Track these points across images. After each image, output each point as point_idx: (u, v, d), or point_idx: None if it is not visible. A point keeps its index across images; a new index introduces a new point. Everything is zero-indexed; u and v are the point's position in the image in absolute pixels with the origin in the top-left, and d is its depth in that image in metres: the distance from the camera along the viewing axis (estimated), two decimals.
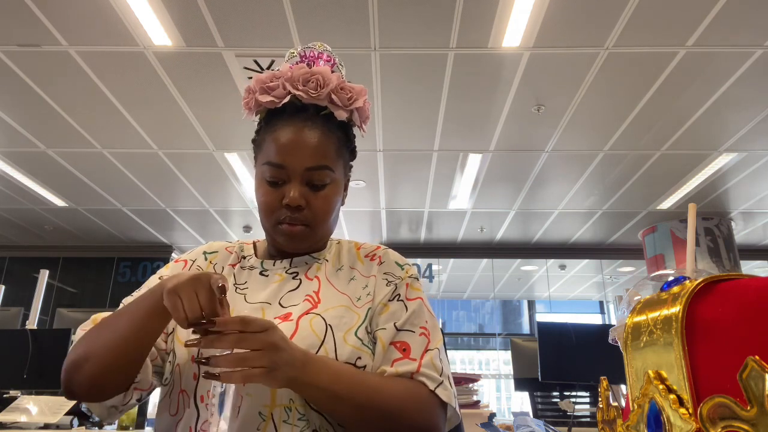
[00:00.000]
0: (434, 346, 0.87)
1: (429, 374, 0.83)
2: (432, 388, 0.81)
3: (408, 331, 0.86)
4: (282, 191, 0.88)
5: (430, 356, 0.85)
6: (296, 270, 0.93)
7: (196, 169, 5.08)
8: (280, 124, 0.89)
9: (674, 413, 0.42)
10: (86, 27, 3.16)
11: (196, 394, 0.80)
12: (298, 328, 0.81)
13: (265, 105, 0.91)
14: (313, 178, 0.88)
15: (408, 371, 0.82)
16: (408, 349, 0.84)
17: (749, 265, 7.33)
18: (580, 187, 5.42)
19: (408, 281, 0.92)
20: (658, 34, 3.20)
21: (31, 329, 2.92)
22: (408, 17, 3.10)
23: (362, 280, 0.92)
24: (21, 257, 7.33)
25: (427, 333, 0.87)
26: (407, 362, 0.83)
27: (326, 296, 0.88)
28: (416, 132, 4.40)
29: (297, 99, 0.89)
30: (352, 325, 0.85)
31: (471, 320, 10.62)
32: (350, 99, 0.91)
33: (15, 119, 4.20)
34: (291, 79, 0.89)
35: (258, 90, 0.91)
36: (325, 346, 0.80)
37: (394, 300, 0.89)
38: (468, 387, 2.16)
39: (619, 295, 8.02)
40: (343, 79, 0.93)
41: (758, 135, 4.32)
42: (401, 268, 0.94)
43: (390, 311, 0.88)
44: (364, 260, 0.96)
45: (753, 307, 0.41)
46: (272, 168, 0.87)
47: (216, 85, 3.75)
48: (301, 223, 0.88)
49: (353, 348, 0.82)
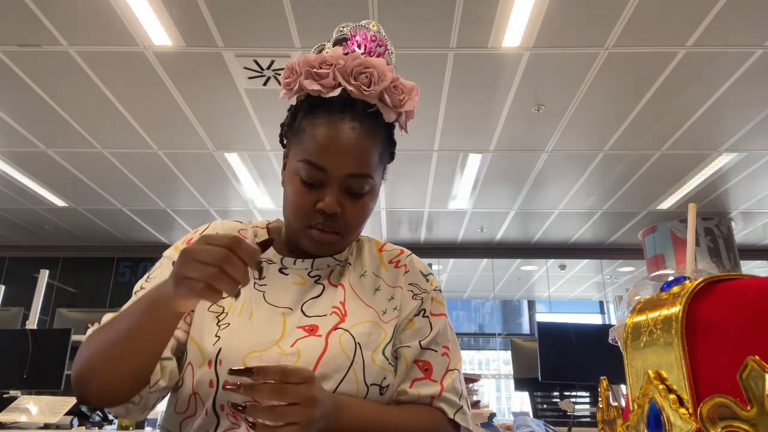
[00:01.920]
0: (454, 366, 0.86)
1: (450, 399, 0.83)
2: (451, 416, 0.82)
3: (431, 350, 0.85)
4: (317, 194, 0.81)
5: (452, 378, 0.84)
6: (318, 273, 0.88)
7: (196, 169, 5.07)
8: (325, 119, 0.81)
9: (674, 413, 0.42)
10: (86, 27, 3.17)
11: (216, 403, 0.76)
12: (328, 346, 0.78)
13: (311, 93, 0.83)
14: (352, 185, 0.81)
15: (429, 395, 0.82)
16: (430, 370, 0.84)
17: (749, 265, 7.33)
18: (580, 187, 5.42)
19: (433, 295, 0.91)
20: (658, 34, 3.20)
21: (31, 329, 2.93)
22: (408, 17, 3.10)
23: (388, 290, 0.89)
24: (21, 257, 7.33)
25: (449, 353, 0.87)
26: (428, 384, 0.83)
27: (353, 309, 0.84)
28: (416, 132, 4.40)
29: (345, 92, 0.81)
30: (379, 342, 0.82)
31: (471, 320, 10.62)
32: (402, 100, 0.84)
33: (15, 119, 4.19)
34: (344, 69, 0.81)
35: (303, 73, 0.82)
36: (354, 366, 0.78)
37: (420, 315, 0.87)
38: (468, 387, 2.16)
39: (619, 295, 8.02)
40: (396, 75, 0.85)
41: (758, 135, 4.32)
42: (426, 279, 0.92)
43: (415, 328, 0.86)
44: (389, 267, 0.92)
45: (753, 307, 0.41)
46: (310, 168, 0.80)
47: (216, 85, 3.75)
48: (334, 230, 0.82)
49: (380, 369, 0.80)
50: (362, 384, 0.78)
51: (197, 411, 0.78)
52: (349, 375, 0.77)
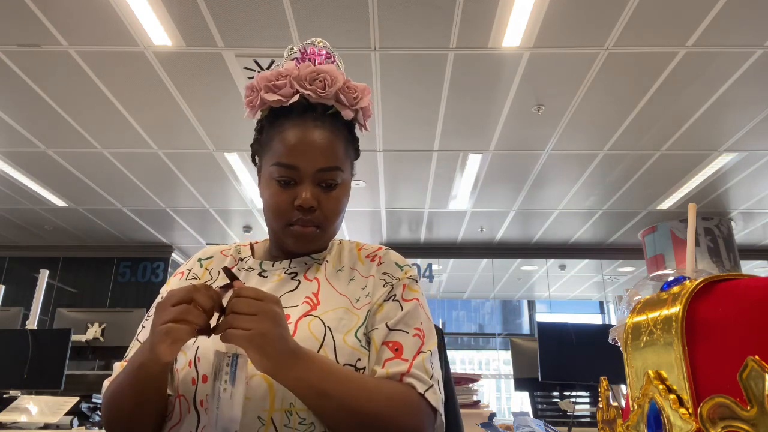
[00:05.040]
0: (427, 349, 0.85)
1: (419, 376, 0.81)
2: (421, 392, 0.80)
3: (401, 331, 0.85)
4: (293, 192, 0.87)
5: (422, 358, 0.83)
6: (295, 270, 0.91)
7: (196, 169, 5.08)
8: (289, 124, 0.88)
9: (674, 413, 0.42)
10: (86, 27, 3.17)
11: (196, 398, 0.79)
12: (297, 330, 0.80)
13: (271, 104, 0.89)
14: (324, 178, 0.87)
15: (398, 372, 0.81)
16: (400, 349, 0.83)
17: (749, 265, 7.34)
18: (580, 187, 5.42)
19: (406, 282, 0.91)
20: (658, 34, 3.20)
21: (31, 329, 2.92)
22: (408, 17, 3.10)
23: (362, 280, 0.91)
24: (21, 257, 7.33)
25: (422, 335, 0.86)
26: (398, 362, 0.82)
27: (325, 298, 0.86)
28: (416, 132, 4.40)
29: (304, 98, 0.88)
30: (351, 326, 0.83)
31: (471, 320, 10.62)
32: (356, 98, 0.91)
33: (15, 119, 4.20)
34: (298, 77, 0.88)
35: (263, 88, 0.89)
36: (324, 347, 0.79)
37: (390, 300, 0.88)
38: (468, 387, 2.16)
39: (619, 295, 8.02)
40: (347, 78, 0.92)
41: (758, 135, 4.32)
42: (400, 268, 0.93)
43: (384, 311, 0.87)
44: (365, 260, 0.95)
45: (753, 307, 0.41)
46: (283, 168, 0.86)
47: (216, 85, 3.75)
48: (313, 224, 0.88)
49: (353, 349, 0.81)
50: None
51: (182, 415, 0.80)
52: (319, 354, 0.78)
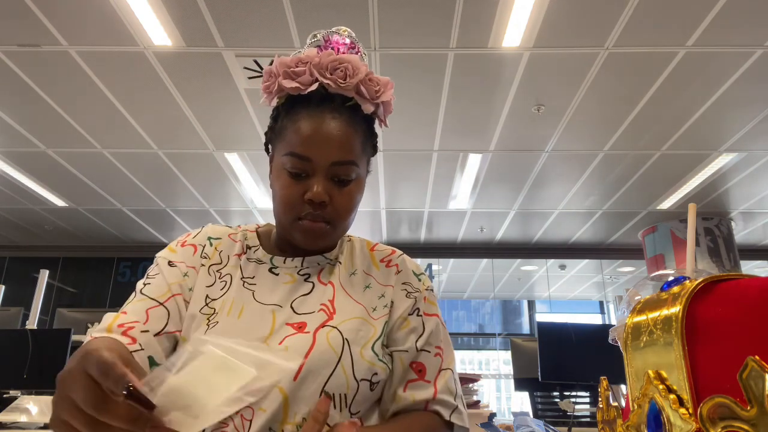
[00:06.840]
0: (447, 366, 0.87)
1: (444, 401, 0.83)
2: (447, 418, 0.83)
3: (425, 351, 0.86)
4: (304, 185, 0.83)
5: (445, 379, 0.85)
6: (308, 271, 0.89)
7: (196, 169, 5.07)
8: (305, 113, 0.83)
9: (674, 413, 0.42)
10: (86, 27, 3.17)
11: None
12: (316, 343, 0.79)
13: (289, 91, 0.85)
14: (338, 173, 0.83)
15: (423, 400, 0.83)
16: (423, 371, 0.84)
17: (749, 265, 7.34)
18: (579, 187, 5.42)
19: (426, 294, 0.91)
20: (658, 34, 3.20)
21: (31, 329, 2.93)
22: (408, 17, 3.10)
23: (378, 288, 0.89)
24: (21, 257, 7.33)
25: (441, 352, 0.87)
26: (422, 385, 0.83)
27: (341, 306, 0.85)
28: (416, 132, 4.40)
29: (323, 87, 0.84)
30: (368, 338, 0.83)
31: (471, 320, 10.62)
32: (378, 91, 0.87)
33: (15, 119, 4.19)
34: (319, 65, 0.84)
35: (281, 74, 0.85)
36: (342, 362, 0.78)
37: (414, 314, 0.88)
38: (468, 387, 2.15)
39: (619, 295, 8.02)
40: (370, 70, 0.88)
41: (758, 135, 4.32)
42: (418, 278, 0.93)
43: (410, 327, 0.87)
44: (380, 266, 0.93)
45: (753, 307, 0.41)
46: (296, 159, 0.82)
47: (216, 85, 3.75)
48: (323, 220, 0.84)
49: (370, 364, 0.81)
50: (351, 379, 0.78)
51: None
52: (338, 371, 0.77)
